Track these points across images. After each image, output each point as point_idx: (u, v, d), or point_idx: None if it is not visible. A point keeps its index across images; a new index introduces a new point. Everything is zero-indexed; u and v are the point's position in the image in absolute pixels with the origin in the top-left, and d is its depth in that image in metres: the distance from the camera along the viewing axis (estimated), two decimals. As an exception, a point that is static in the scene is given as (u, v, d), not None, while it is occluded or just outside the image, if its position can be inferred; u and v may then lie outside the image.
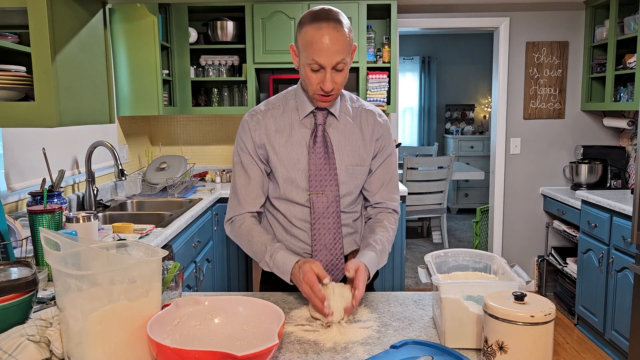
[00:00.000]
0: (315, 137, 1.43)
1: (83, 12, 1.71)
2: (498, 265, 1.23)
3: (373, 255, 1.38)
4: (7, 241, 1.46)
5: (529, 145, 3.92)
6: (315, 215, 1.44)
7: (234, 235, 1.49)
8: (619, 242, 2.82)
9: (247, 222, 1.46)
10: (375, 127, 1.50)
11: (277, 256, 1.35)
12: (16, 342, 0.95)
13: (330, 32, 1.28)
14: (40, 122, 1.52)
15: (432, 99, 7.47)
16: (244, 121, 1.48)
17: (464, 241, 5.57)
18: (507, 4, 3.78)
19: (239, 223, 1.46)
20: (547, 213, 3.97)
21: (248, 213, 1.48)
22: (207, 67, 3.60)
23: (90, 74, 1.78)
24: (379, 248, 1.40)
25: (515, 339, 0.91)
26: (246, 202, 1.47)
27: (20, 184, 2.16)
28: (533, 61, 3.82)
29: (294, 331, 1.17)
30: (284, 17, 3.41)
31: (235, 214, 1.48)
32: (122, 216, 2.66)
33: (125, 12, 3.07)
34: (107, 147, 2.53)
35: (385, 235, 1.45)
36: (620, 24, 3.32)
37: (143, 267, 0.95)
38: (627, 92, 3.30)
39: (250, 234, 1.43)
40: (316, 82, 1.34)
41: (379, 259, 1.40)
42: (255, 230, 1.44)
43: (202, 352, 0.85)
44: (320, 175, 1.43)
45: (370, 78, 3.47)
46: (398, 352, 1.03)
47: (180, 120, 3.88)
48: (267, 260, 1.37)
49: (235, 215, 1.49)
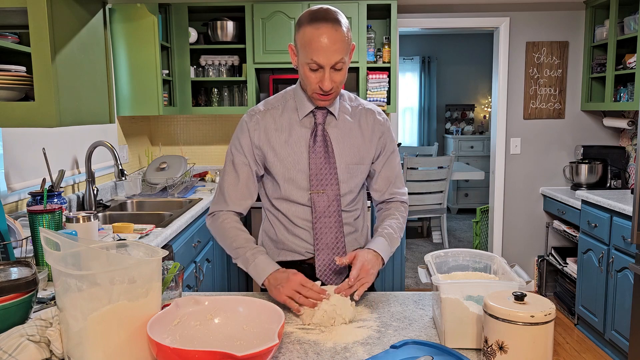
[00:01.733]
0: (315, 137, 1.43)
1: (83, 12, 1.71)
2: (498, 265, 1.23)
3: (381, 240, 1.43)
4: (7, 241, 1.46)
5: (529, 145, 3.92)
6: (317, 215, 1.44)
7: (214, 228, 1.49)
8: (619, 242, 2.82)
9: (230, 219, 1.47)
10: (375, 126, 1.50)
11: (260, 256, 1.38)
12: (16, 342, 0.95)
13: (328, 32, 1.29)
14: (40, 122, 1.52)
15: (432, 99, 7.47)
16: (242, 121, 1.48)
17: (464, 241, 5.57)
18: (507, 4, 3.78)
19: (222, 219, 1.47)
20: (547, 213, 3.97)
21: (232, 212, 1.49)
22: (207, 67, 3.60)
23: (90, 74, 1.78)
24: (387, 232, 1.46)
25: (515, 339, 0.91)
26: (232, 201, 1.48)
27: (20, 184, 2.16)
28: (533, 61, 3.82)
29: (294, 331, 1.17)
30: (284, 17, 3.41)
31: (218, 209, 1.49)
32: (122, 216, 2.66)
33: (125, 12, 3.07)
34: (107, 147, 2.53)
35: (394, 221, 1.51)
36: (620, 24, 3.32)
37: (143, 267, 0.95)
38: (627, 92, 3.30)
39: (233, 230, 1.44)
40: (315, 81, 1.34)
41: (388, 241, 1.44)
42: (238, 228, 1.45)
43: (202, 352, 0.85)
44: (321, 175, 1.43)
45: (370, 78, 3.47)
46: (398, 352, 1.03)
47: (180, 120, 3.88)
48: (248, 256, 1.38)
49: (218, 211, 1.49)
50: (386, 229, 1.47)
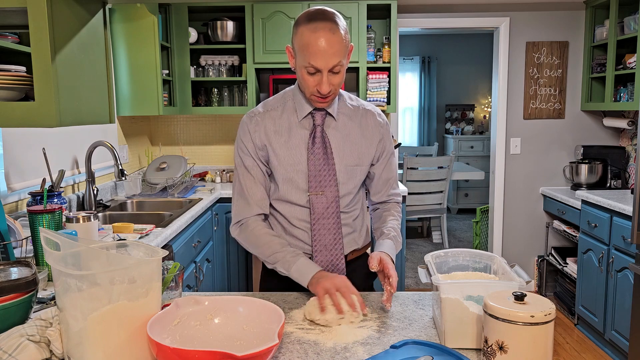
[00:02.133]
0: (314, 138, 1.43)
1: (83, 12, 1.71)
2: (498, 265, 1.23)
3: (390, 243, 1.44)
4: (7, 241, 1.46)
5: (529, 145, 3.92)
6: (315, 216, 1.44)
7: (245, 237, 1.47)
8: (619, 242, 2.82)
9: (260, 225, 1.45)
10: (375, 128, 1.50)
11: (301, 259, 1.37)
12: (16, 342, 0.95)
13: (326, 35, 1.28)
14: (40, 122, 1.52)
15: (432, 99, 7.47)
16: (243, 123, 1.48)
17: (464, 241, 5.57)
18: (507, 4, 3.78)
19: (252, 227, 1.45)
20: (547, 213, 3.97)
21: (257, 216, 1.47)
22: (207, 67, 3.60)
23: (90, 74, 1.78)
24: (392, 234, 1.47)
25: (515, 339, 0.91)
26: (255, 202, 1.46)
27: (20, 184, 2.16)
28: (533, 61, 3.82)
29: (294, 331, 1.17)
30: (284, 17, 3.41)
31: (244, 216, 1.47)
32: (122, 216, 2.66)
33: (125, 12, 3.07)
34: (107, 147, 2.53)
35: (395, 222, 1.53)
36: (620, 24, 3.32)
37: (143, 267, 0.95)
38: (627, 92, 3.30)
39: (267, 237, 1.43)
40: (313, 84, 1.34)
41: (395, 244, 1.46)
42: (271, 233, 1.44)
43: (202, 352, 0.85)
44: (320, 176, 1.43)
45: (370, 78, 3.47)
46: (398, 352, 1.03)
47: (180, 120, 3.88)
48: (289, 258, 1.37)
49: (244, 218, 1.47)
50: (391, 231, 1.48)
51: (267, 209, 1.49)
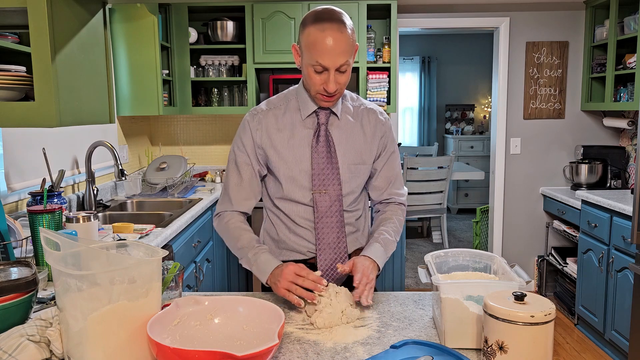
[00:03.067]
0: (318, 137, 1.44)
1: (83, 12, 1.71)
2: (498, 265, 1.23)
3: (377, 246, 1.42)
4: (7, 241, 1.46)
5: (529, 145, 3.92)
6: (319, 215, 1.45)
7: (220, 229, 1.51)
8: (619, 242, 2.82)
9: (234, 219, 1.48)
10: (377, 126, 1.51)
11: (262, 256, 1.38)
12: (16, 342, 0.95)
13: (334, 34, 1.29)
14: (40, 122, 1.52)
15: (432, 99, 7.47)
16: (244, 121, 1.48)
17: (464, 241, 5.57)
18: (507, 4, 3.78)
19: (227, 219, 1.49)
20: (547, 213, 3.97)
21: (237, 212, 1.50)
22: (207, 67, 3.60)
23: (90, 74, 1.78)
24: (382, 237, 1.45)
25: (515, 339, 0.91)
26: (236, 202, 1.49)
27: (20, 184, 2.16)
28: (533, 61, 3.82)
29: (294, 331, 1.17)
30: (284, 17, 3.41)
31: (224, 209, 1.51)
32: (122, 216, 2.66)
33: (125, 12, 3.07)
34: (107, 147, 2.53)
35: (390, 225, 1.50)
36: (620, 24, 3.32)
37: (143, 267, 0.95)
38: (627, 92, 3.30)
39: (237, 231, 1.45)
40: (319, 83, 1.35)
41: (384, 247, 1.44)
42: (242, 227, 1.46)
43: (202, 352, 0.85)
44: (323, 175, 1.43)
45: (370, 78, 3.47)
46: (398, 352, 1.03)
47: (180, 120, 3.88)
48: (250, 256, 1.39)
49: (224, 211, 1.51)
50: (382, 234, 1.47)
51: (250, 208, 1.52)
